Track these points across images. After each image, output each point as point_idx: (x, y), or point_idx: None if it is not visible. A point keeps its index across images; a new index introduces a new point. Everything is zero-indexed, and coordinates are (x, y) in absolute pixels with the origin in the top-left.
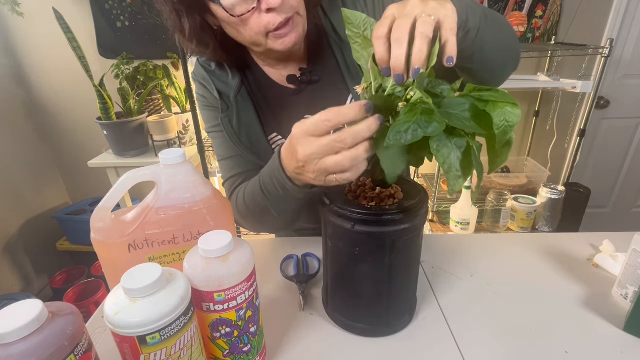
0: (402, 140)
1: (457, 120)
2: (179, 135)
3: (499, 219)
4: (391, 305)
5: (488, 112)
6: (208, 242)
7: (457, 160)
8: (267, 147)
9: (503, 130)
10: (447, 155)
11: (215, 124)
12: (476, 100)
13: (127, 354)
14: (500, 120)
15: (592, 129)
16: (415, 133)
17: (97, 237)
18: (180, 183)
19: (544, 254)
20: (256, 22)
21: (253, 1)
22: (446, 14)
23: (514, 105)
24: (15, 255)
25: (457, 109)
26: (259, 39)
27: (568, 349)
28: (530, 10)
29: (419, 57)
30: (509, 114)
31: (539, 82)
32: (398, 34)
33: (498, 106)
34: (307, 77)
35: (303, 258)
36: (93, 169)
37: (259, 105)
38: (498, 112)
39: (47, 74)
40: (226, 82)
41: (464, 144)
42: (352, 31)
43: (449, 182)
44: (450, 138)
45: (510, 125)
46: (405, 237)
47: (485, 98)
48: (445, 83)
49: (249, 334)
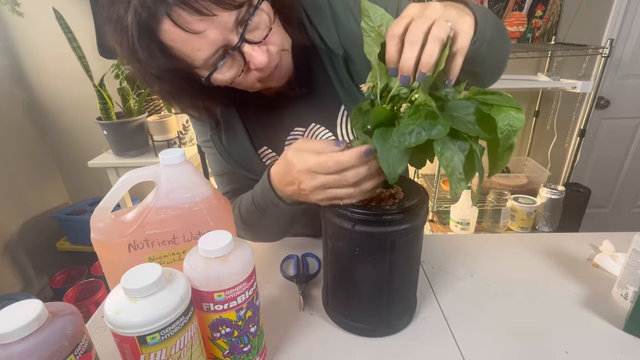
0: (405, 143)
1: (462, 123)
2: (179, 135)
3: (499, 219)
4: (391, 305)
5: (493, 116)
6: (208, 242)
7: (460, 163)
8: (258, 161)
9: (507, 135)
10: (450, 158)
11: (206, 139)
12: (481, 103)
13: (127, 354)
14: (504, 125)
15: (592, 129)
16: (419, 136)
17: (97, 237)
18: (180, 183)
19: (544, 254)
20: (248, 78)
21: (240, 65)
22: (462, 28)
23: (518, 109)
24: (15, 255)
25: (462, 112)
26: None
27: (568, 349)
28: (530, 10)
29: (427, 62)
30: (513, 118)
31: (539, 82)
32: (413, 36)
33: (502, 110)
34: (296, 91)
35: (303, 258)
36: (93, 169)
37: (247, 118)
38: (502, 116)
39: (47, 74)
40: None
41: (467, 147)
42: (367, 24)
43: (451, 184)
44: (453, 141)
45: (514, 130)
46: (406, 237)
47: (489, 102)
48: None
49: (249, 334)
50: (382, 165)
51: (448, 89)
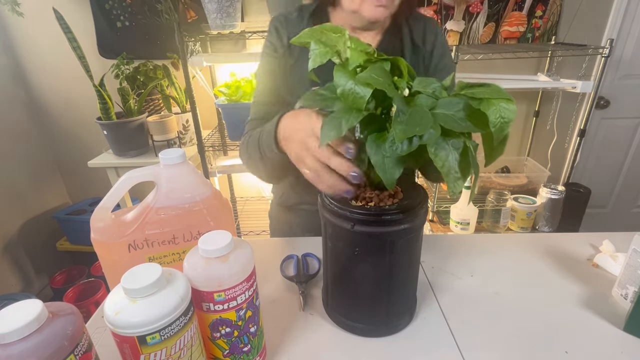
0: (398, 151)
1: (453, 122)
2: (179, 135)
3: (499, 219)
4: (391, 306)
5: (483, 111)
6: (208, 242)
7: (455, 161)
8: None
9: (499, 127)
10: (445, 158)
11: (269, 69)
12: (470, 98)
13: (127, 354)
14: (496, 118)
15: (592, 129)
16: (411, 143)
17: (97, 237)
18: (180, 183)
19: (544, 254)
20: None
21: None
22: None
23: (508, 100)
24: (15, 255)
25: (452, 109)
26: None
27: (568, 349)
28: (530, 10)
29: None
30: (504, 110)
31: (539, 82)
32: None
33: (492, 103)
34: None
35: (303, 258)
36: (93, 169)
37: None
38: (493, 109)
39: (47, 74)
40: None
41: (461, 144)
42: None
43: (449, 184)
44: (447, 140)
45: (506, 121)
46: (405, 237)
47: (478, 95)
48: (436, 81)
49: (249, 334)
50: (379, 173)
51: (434, 85)
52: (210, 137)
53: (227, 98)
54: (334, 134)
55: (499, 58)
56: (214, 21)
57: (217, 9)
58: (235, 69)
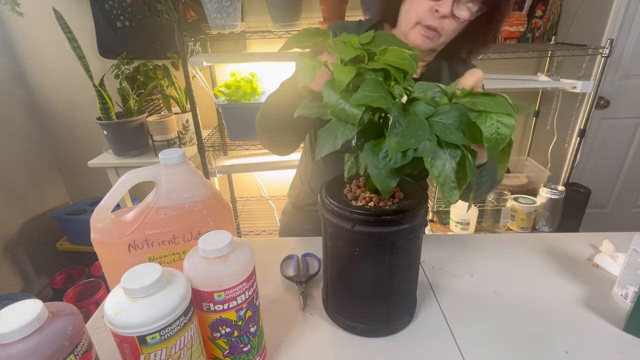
0: (392, 163)
1: (449, 131)
2: (179, 135)
3: (499, 219)
4: (391, 305)
5: (478, 125)
6: (208, 242)
7: (452, 171)
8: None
9: (494, 143)
10: (441, 168)
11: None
12: (469, 109)
13: (127, 354)
14: (492, 133)
15: (592, 129)
16: (405, 155)
17: (97, 237)
18: (180, 183)
19: (544, 254)
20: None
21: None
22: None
23: (508, 115)
24: (15, 255)
25: (450, 119)
26: (410, 20)
27: (568, 349)
28: (530, 10)
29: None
30: (501, 125)
31: (539, 82)
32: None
33: (490, 117)
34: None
35: (303, 258)
36: (93, 169)
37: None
38: (489, 124)
39: (47, 74)
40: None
41: (459, 154)
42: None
43: (444, 194)
44: (444, 149)
45: (502, 137)
46: (405, 237)
47: (478, 106)
48: (437, 86)
49: (249, 334)
50: (375, 183)
51: (434, 92)
52: (210, 137)
53: (227, 98)
54: (328, 148)
55: (499, 58)
56: (214, 21)
57: (217, 9)
58: (235, 69)
